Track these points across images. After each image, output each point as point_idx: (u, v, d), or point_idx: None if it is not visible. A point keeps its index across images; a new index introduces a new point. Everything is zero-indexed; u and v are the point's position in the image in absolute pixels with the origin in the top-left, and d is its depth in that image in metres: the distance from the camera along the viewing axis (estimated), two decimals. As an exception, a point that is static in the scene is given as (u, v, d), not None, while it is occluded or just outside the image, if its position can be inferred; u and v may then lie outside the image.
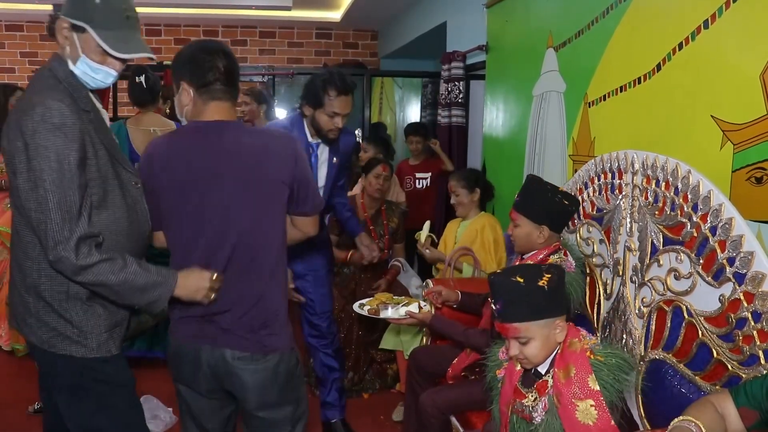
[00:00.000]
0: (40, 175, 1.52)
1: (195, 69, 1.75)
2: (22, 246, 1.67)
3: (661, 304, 2.01)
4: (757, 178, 1.87)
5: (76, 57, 1.63)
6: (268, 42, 7.56)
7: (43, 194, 1.52)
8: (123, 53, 1.63)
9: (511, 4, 3.60)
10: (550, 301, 1.70)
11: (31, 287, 1.66)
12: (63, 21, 1.62)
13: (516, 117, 3.57)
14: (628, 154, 2.21)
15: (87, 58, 1.63)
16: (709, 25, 2.05)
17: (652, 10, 2.35)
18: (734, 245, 1.72)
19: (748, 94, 1.89)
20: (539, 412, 1.74)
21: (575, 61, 2.90)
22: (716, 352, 1.78)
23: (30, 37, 7.21)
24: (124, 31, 1.63)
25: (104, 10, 1.60)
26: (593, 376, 1.65)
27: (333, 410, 3.05)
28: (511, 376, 1.84)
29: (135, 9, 1.68)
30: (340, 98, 2.59)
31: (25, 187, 1.55)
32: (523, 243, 2.35)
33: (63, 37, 1.63)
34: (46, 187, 1.52)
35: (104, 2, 1.60)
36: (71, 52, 1.64)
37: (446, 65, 4.35)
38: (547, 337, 1.72)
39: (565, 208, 2.30)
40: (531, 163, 3.37)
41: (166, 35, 7.31)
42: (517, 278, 1.68)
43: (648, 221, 2.07)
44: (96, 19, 1.59)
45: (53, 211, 1.53)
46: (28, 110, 1.54)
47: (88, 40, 1.61)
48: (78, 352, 1.67)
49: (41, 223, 1.54)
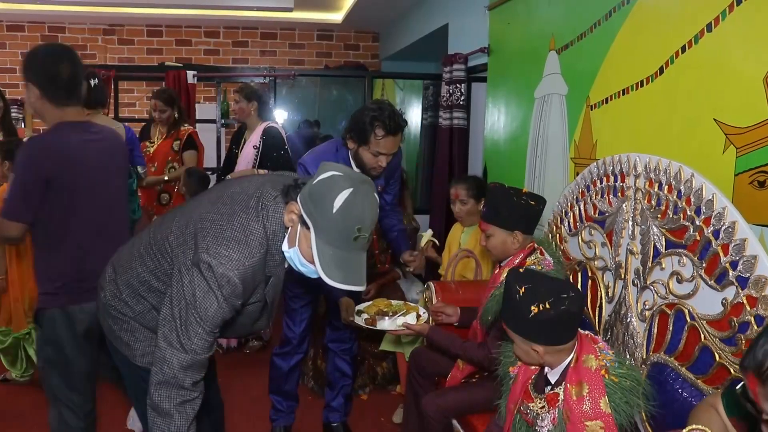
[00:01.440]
0: (193, 302, 1.56)
1: (43, 73, 2.07)
2: (142, 274, 1.76)
3: (663, 308, 2.00)
4: (759, 182, 1.87)
5: (292, 244, 1.60)
6: (269, 43, 7.56)
7: (189, 309, 1.57)
8: (331, 279, 1.49)
9: (513, 7, 3.60)
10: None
11: (123, 284, 1.80)
12: (294, 206, 1.57)
13: (518, 119, 3.57)
14: (630, 157, 2.20)
15: (299, 252, 1.58)
16: (713, 29, 2.05)
17: (655, 13, 2.35)
18: (737, 249, 1.72)
19: (751, 98, 1.88)
20: (546, 424, 1.74)
21: (577, 63, 2.90)
22: (719, 355, 1.77)
23: (31, 37, 7.21)
24: (344, 252, 1.50)
25: (335, 224, 1.48)
26: (606, 399, 1.64)
27: (336, 414, 3.04)
28: (524, 375, 1.85)
29: (369, 230, 1.52)
30: (387, 138, 2.47)
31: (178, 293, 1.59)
32: (499, 252, 2.38)
33: (289, 219, 1.58)
34: (194, 313, 1.57)
35: (341, 214, 1.47)
36: (290, 234, 1.60)
37: (448, 67, 4.34)
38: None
39: (532, 208, 2.32)
40: (532, 165, 3.36)
41: (168, 36, 7.32)
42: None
43: (650, 224, 2.07)
44: (323, 228, 1.49)
45: (186, 322, 1.57)
46: (211, 252, 1.55)
47: (308, 239, 1.52)
48: (130, 356, 1.83)
49: (173, 320, 1.58)
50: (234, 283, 1.55)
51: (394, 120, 2.46)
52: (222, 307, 1.56)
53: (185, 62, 6.89)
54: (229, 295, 1.56)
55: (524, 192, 2.34)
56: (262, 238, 1.59)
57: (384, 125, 2.44)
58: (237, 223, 1.58)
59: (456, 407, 2.36)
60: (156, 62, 7.01)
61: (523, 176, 3.43)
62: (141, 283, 1.77)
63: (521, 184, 3.41)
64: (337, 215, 1.47)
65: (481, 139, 4.15)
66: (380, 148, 2.48)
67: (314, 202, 1.50)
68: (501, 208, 2.31)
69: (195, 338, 1.57)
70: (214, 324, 1.58)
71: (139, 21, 7.07)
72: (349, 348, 3.00)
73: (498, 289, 2.30)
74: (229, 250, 1.55)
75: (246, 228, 1.58)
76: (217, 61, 7.38)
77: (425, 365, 2.67)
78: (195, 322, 1.56)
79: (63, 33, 7.24)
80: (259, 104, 4.16)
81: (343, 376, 3.01)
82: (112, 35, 7.26)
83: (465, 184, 3.32)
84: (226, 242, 1.55)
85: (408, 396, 2.75)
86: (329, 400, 3.05)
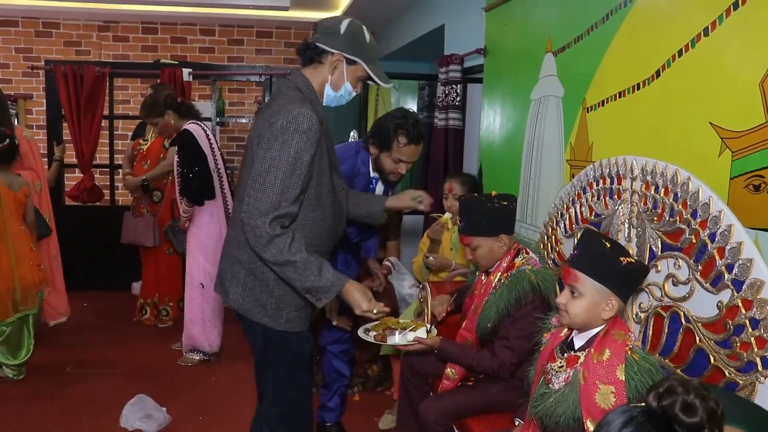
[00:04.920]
0: (275, 164, 1.84)
1: None
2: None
3: (658, 310, 2.01)
4: (755, 186, 1.88)
5: (341, 83, 2.04)
6: (264, 42, 7.55)
7: (271, 179, 1.84)
8: (384, 82, 2.07)
9: (510, 8, 3.60)
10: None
11: (246, 263, 1.98)
12: (337, 55, 2.00)
13: (513, 121, 3.57)
14: (627, 159, 2.21)
15: (349, 85, 2.05)
16: (710, 33, 2.06)
17: (652, 16, 2.36)
18: (733, 252, 1.73)
19: (747, 102, 1.89)
20: (560, 381, 1.77)
21: (574, 66, 2.90)
22: (713, 358, 1.78)
23: (25, 33, 7.17)
24: (377, 63, 2.07)
25: (371, 50, 2.04)
26: (623, 367, 1.67)
27: (331, 414, 3.04)
28: (554, 340, 1.90)
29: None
30: (410, 147, 2.53)
31: (259, 169, 1.86)
32: (488, 260, 2.38)
33: (332, 67, 2.02)
34: (277, 174, 1.84)
35: (370, 43, 2.06)
36: (336, 78, 2.03)
37: (444, 68, 4.35)
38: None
39: (507, 208, 2.33)
40: (528, 167, 3.37)
41: (163, 33, 7.29)
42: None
43: (647, 227, 2.08)
44: (367, 56, 2.03)
45: (274, 193, 1.83)
46: (282, 112, 1.88)
47: (357, 71, 2.03)
48: (269, 324, 1.99)
49: (258, 192, 1.84)
50: (303, 127, 1.85)
51: (417, 129, 2.54)
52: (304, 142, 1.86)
53: (180, 60, 6.87)
54: (307, 130, 1.86)
55: (494, 195, 2.36)
56: (307, 103, 1.95)
57: (408, 133, 2.50)
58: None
59: (455, 410, 2.34)
60: (151, 59, 6.98)
61: (518, 178, 3.44)
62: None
63: (516, 185, 3.41)
64: (368, 44, 2.05)
65: (477, 140, 4.15)
66: (402, 155, 2.54)
67: (349, 42, 2.01)
68: (479, 217, 2.31)
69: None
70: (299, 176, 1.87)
71: (134, 18, 7.04)
72: (347, 349, 3.00)
73: (493, 296, 2.30)
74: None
75: (298, 110, 1.89)
76: (212, 59, 7.36)
77: (418, 367, 2.67)
78: (276, 193, 1.85)
79: (57, 29, 7.20)
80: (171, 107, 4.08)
81: (340, 376, 3.01)
82: (107, 32, 7.23)
83: (460, 178, 3.38)
84: (289, 121, 1.88)
85: (401, 397, 2.74)
86: (325, 400, 3.05)
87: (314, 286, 1.87)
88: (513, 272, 2.29)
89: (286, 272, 1.87)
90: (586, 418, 1.67)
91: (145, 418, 3.12)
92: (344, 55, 2.01)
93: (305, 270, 1.85)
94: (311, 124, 1.87)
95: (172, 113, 4.02)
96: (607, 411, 1.62)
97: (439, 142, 4.41)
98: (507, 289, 2.26)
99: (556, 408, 1.74)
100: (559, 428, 1.75)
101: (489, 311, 2.28)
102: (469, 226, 2.33)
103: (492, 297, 2.30)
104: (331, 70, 2.02)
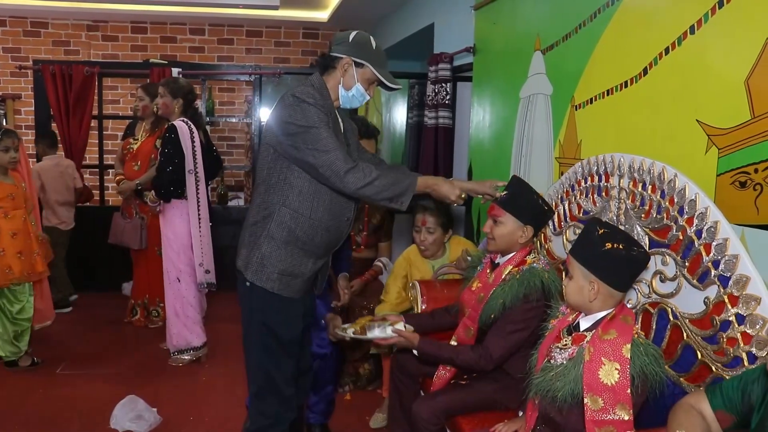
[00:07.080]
0: (318, 133, 2.07)
1: None
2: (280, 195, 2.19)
3: (646, 306, 2.03)
4: (741, 182, 1.89)
5: (351, 84, 2.23)
6: (254, 41, 7.54)
7: (323, 143, 2.07)
8: (392, 84, 2.25)
9: (498, 7, 3.61)
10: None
11: (249, 225, 2.23)
12: (346, 58, 2.20)
13: (503, 119, 3.58)
14: (615, 157, 2.22)
15: (360, 86, 2.23)
16: (696, 31, 2.07)
17: (639, 14, 2.37)
18: (719, 248, 1.74)
19: (733, 99, 1.91)
20: (563, 357, 1.79)
21: (562, 64, 2.91)
22: (701, 353, 1.80)
23: (13, 32, 7.13)
24: (386, 69, 2.25)
25: (378, 54, 2.23)
26: (629, 346, 1.69)
27: (318, 416, 3.03)
28: (560, 325, 1.92)
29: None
30: (361, 141, 2.76)
31: (302, 146, 2.09)
32: (503, 242, 2.35)
33: (343, 69, 2.21)
34: (323, 134, 2.08)
35: (377, 49, 2.24)
36: (346, 80, 2.23)
37: (433, 67, 4.35)
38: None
39: (545, 212, 2.34)
40: (517, 165, 3.38)
41: (152, 33, 7.27)
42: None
43: (634, 224, 2.09)
44: (374, 60, 2.21)
45: (334, 150, 2.06)
46: (289, 92, 2.16)
47: (365, 73, 2.21)
48: (252, 278, 2.21)
49: (326, 157, 2.06)
50: (308, 101, 2.10)
51: (367, 127, 2.89)
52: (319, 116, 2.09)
53: (170, 59, 6.85)
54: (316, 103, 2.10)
55: (541, 195, 2.36)
56: (315, 92, 2.17)
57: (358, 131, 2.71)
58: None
59: (448, 409, 2.32)
60: (140, 59, 6.96)
61: (508, 175, 3.44)
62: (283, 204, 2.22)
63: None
64: (375, 49, 2.23)
65: (467, 138, 4.16)
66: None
67: (357, 47, 2.20)
68: (520, 199, 2.30)
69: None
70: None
71: (123, 17, 7.01)
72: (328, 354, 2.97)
73: (501, 288, 2.29)
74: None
75: (301, 89, 2.16)
76: (202, 59, 7.34)
77: (408, 365, 2.66)
78: (335, 149, 2.09)
79: (46, 28, 7.17)
80: (185, 102, 3.95)
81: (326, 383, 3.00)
82: (96, 31, 7.20)
83: (434, 211, 3.08)
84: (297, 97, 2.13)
85: (392, 396, 2.74)
86: (312, 402, 3.04)
87: (395, 194, 2.12)
88: (525, 268, 2.29)
89: (365, 192, 2.10)
90: (587, 394, 1.68)
91: (135, 418, 3.10)
92: (352, 59, 2.20)
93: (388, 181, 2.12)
94: (315, 101, 2.12)
95: (181, 104, 3.94)
96: (609, 387, 1.65)
97: (430, 140, 4.41)
98: (518, 283, 2.26)
99: (555, 382, 1.75)
100: (556, 405, 1.75)
101: (495, 302, 2.28)
102: (509, 200, 2.31)
103: (500, 288, 2.29)
104: (342, 73, 2.22)
